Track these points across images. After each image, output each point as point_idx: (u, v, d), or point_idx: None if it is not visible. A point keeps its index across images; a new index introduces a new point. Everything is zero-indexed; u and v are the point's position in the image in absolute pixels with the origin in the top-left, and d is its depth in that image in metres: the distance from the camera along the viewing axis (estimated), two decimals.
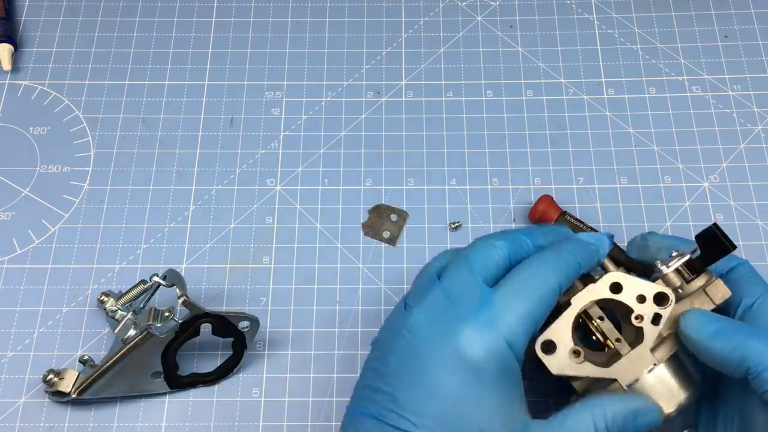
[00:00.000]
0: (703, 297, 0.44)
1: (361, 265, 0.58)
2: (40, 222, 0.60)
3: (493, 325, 0.38)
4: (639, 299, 0.43)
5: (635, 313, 0.43)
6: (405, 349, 0.39)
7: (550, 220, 0.57)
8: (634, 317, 0.43)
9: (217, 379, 0.53)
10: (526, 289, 0.40)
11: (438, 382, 0.38)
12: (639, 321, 0.43)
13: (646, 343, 0.43)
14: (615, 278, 0.43)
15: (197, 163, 0.62)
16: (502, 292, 0.40)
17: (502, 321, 0.38)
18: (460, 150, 0.62)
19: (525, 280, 0.40)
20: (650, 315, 0.43)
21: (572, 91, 0.65)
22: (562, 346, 0.42)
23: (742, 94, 0.65)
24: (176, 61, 0.67)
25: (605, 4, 0.69)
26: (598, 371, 0.42)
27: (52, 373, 0.51)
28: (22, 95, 0.65)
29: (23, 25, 0.69)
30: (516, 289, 0.40)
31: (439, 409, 0.37)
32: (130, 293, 0.52)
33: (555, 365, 0.42)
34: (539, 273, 0.41)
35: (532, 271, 0.41)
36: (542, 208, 0.58)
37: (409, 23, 0.69)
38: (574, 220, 0.57)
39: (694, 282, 0.44)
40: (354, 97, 0.65)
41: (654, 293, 0.43)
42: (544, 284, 0.40)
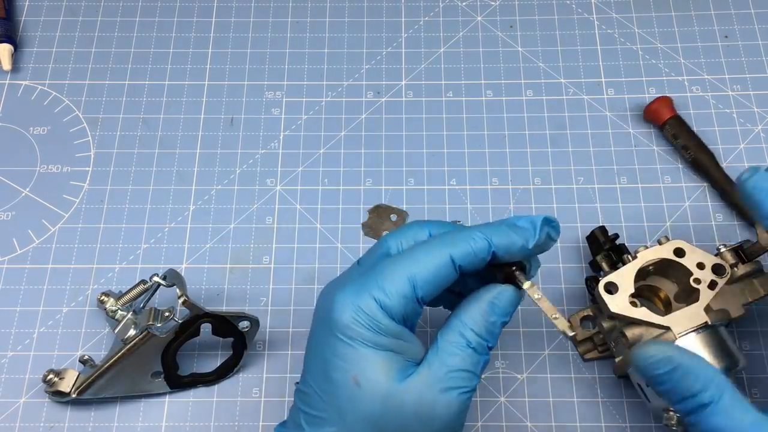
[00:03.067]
0: (752, 285, 0.50)
1: None
2: (40, 222, 0.60)
3: (365, 289, 0.40)
4: (699, 266, 0.49)
5: (694, 276, 0.48)
6: (313, 318, 0.43)
7: (660, 121, 0.61)
8: (693, 279, 0.48)
9: (217, 379, 0.54)
10: (412, 256, 0.40)
11: (318, 345, 0.41)
12: (697, 284, 0.48)
13: (701, 303, 0.48)
14: (678, 244, 0.49)
15: (197, 163, 0.62)
16: (389, 259, 0.41)
17: (376, 285, 0.40)
18: (460, 150, 0.62)
19: (416, 249, 0.41)
20: (707, 281, 0.48)
21: (572, 91, 0.65)
22: (623, 291, 0.48)
23: (742, 94, 0.65)
24: (176, 61, 0.67)
25: (605, 4, 0.69)
26: (653, 317, 0.47)
27: (52, 373, 0.51)
28: (22, 95, 0.65)
29: (23, 25, 0.69)
30: (402, 256, 0.41)
31: (322, 367, 0.40)
32: (130, 293, 0.52)
33: (615, 305, 0.48)
34: (433, 244, 0.41)
35: (428, 242, 0.41)
36: (655, 107, 0.61)
37: (409, 23, 0.69)
38: (684, 132, 0.61)
39: (745, 266, 0.50)
40: (354, 97, 0.65)
41: (713, 263, 0.49)
42: (433, 254, 0.40)
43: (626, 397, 0.53)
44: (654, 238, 0.58)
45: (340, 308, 0.40)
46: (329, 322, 0.40)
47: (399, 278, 0.40)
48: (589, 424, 0.52)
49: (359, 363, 0.39)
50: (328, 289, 0.43)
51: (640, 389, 0.49)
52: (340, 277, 0.44)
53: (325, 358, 0.40)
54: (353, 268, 0.44)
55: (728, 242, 0.51)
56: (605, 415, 0.52)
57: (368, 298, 0.39)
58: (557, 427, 0.52)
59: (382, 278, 0.40)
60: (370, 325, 0.39)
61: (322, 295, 0.42)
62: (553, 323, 0.41)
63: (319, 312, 0.42)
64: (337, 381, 0.40)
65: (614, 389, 0.53)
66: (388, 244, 0.43)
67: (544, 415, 0.53)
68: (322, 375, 0.40)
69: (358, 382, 0.39)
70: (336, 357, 0.40)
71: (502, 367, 0.54)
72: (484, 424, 0.53)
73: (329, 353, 0.40)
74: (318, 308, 0.42)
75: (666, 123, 0.61)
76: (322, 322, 0.41)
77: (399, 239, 0.43)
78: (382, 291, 0.39)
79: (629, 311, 0.47)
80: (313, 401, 0.41)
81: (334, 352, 0.40)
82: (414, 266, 0.40)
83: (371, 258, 0.43)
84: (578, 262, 0.58)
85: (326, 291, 0.42)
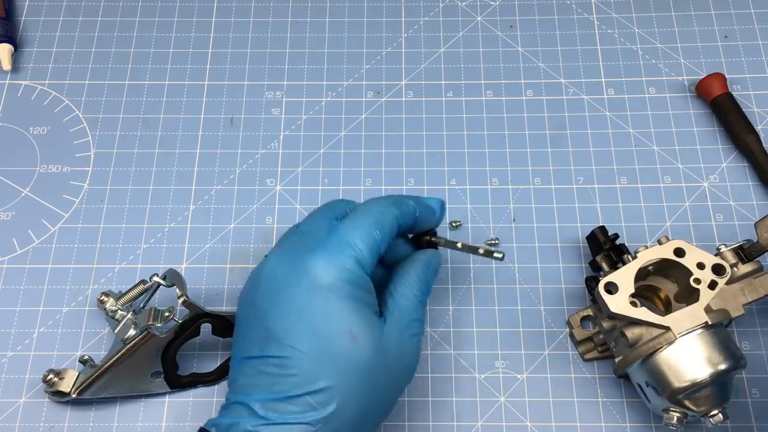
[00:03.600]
0: (752, 285, 0.50)
1: None
2: (40, 222, 0.60)
3: (340, 248, 0.44)
4: (699, 266, 0.48)
5: (694, 276, 0.48)
6: (269, 289, 0.44)
7: (711, 96, 0.62)
8: (693, 279, 0.48)
9: (217, 379, 0.53)
10: (368, 217, 0.45)
11: (303, 307, 0.42)
12: (697, 284, 0.48)
13: (701, 303, 0.47)
14: (678, 244, 0.49)
15: (197, 163, 0.62)
16: (347, 222, 0.45)
17: (348, 242, 0.44)
18: (460, 150, 0.62)
19: (366, 211, 0.46)
20: (707, 281, 0.48)
21: (572, 91, 0.65)
22: (623, 290, 0.48)
23: (742, 94, 0.65)
24: (176, 61, 0.67)
25: (605, 4, 0.69)
26: (653, 317, 0.47)
27: (52, 373, 0.51)
28: (22, 95, 0.65)
29: (23, 25, 0.69)
30: (358, 218, 0.45)
31: (310, 328, 0.42)
32: (130, 293, 0.52)
33: (615, 305, 0.48)
34: (379, 205, 0.47)
35: (372, 204, 0.47)
36: (708, 81, 0.62)
37: (409, 23, 0.69)
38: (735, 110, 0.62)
39: (745, 266, 0.50)
40: (354, 97, 0.65)
41: (713, 263, 0.49)
42: (384, 214, 0.46)
43: (626, 397, 0.53)
44: (654, 238, 0.58)
45: (324, 270, 0.43)
46: (313, 285, 0.42)
47: (367, 236, 0.44)
48: (589, 424, 0.52)
49: (351, 317, 0.42)
50: (286, 256, 0.45)
51: (640, 389, 0.49)
52: (294, 244, 0.46)
53: (314, 319, 0.42)
54: (301, 234, 0.47)
55: (728, 242, 0.51)
56: (605, 415, 0.52)
57: (348, 258, 0.43)
58: (557, 427, 0.52)
59: (353, 238, 0.44)
60: (354, 281, 0.43)
61: (281, 263, 0.44)
62: (483, 257, 0.48)
63: (288, 278, 0.43)
64: (331, 337, 0.42)
65: (614, 389, 0.53)
66: (326, 214, 0.48)
67: (544, 415, 0.53)
68: (311, 335, 0.42)
69: (355, 335, 0.42)
70: (327, 315, 0.42)
71: (502, 367, 0.54)
72: (484, 424, 0.53)
73: (318, 313, 0.42)
74: (284, 275, 0.44)
75: (716, 99, 0.62)
76: (298, 286, 0.43)
77: (333, 210, 0.48)
78: (357, 249, 0.44)
79: (629, 311, 0.47)
80: (297, 363, 0.42)
81: (324, 311, 0.42)
82: (374, 225, 0.45)
83: (317, 224, 0.47)
84: (578, 262, 0.58)
85: (286, 258, 0.45)
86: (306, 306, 0.42)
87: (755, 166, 0.60)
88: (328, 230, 0.45)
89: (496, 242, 0.58)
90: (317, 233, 0.46)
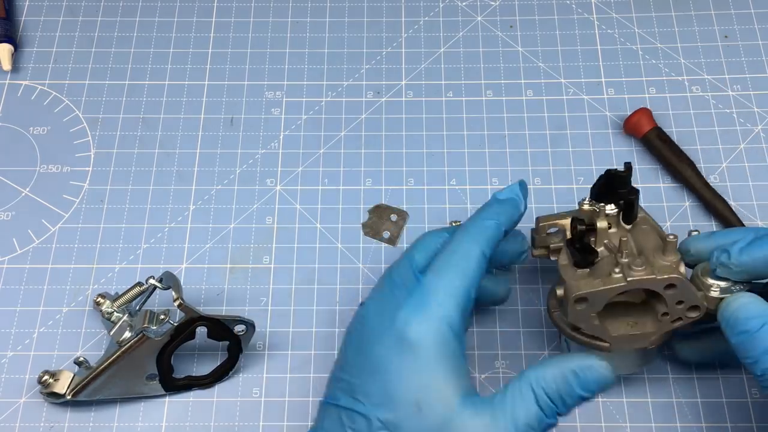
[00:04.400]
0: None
1: (361, 265, 0.58)
2: (40, 222, 0.60)
3: (425, 306, 0.40)
4: (678, 302, 0.46)
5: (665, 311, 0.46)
6: (357, 339, 0.43)
7: (640, 134, 0.61)
8: (662, 314, 0.46)
9: (212, 383, 0.53)
10: (451, 265, 0.42)
11: (381, 363, 0.40)
12: (663, 317, 0.46)
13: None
14: (674, 280, 0.44)
15: (197, 163, 0.62)
16: (430, 274, 0.42)
17: (434, 300, 0.41)
18: (460, 150, 0.62)
19: (449, 257, 0.43)
20: (675, 317, 0.46)
21: (572, 91, 0.65)
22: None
23: (742, 94, 0.65)
24: (176, 61, 0.67)
25: (605, 4, 0.69)
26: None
27: (47, 374, 0.51)
28: (22, 95, 0.65)
29: (23, 25, 0.69)
30: (442, 267, 0.42)
31: (383, 386, 0.40)
32: (126, 295, 0.52)
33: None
34: (461, 247, 0.43)
35: (454, 247, 0.43)
36: (635, 119, 0.61)
37: (409, 23, 0.69)
38: (663, 140, 0.60)
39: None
40: (354, 97, 0.65)
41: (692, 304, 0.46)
42: (468, 257, 0.42)
43: (626, 397, 0.53)
44: None
45: (408, 328, 0.40)
46: (394, 343, 0.40)
47: (453, 290, 0.41)
48: (589, 424, 0.52)
49: (419, 384, 0.39)
50: (377, 308, 0.43)
51: (562, 338, 0.50)
52: (385, 295, 0.44)
53: (389, 377, 0.40)
54: (392, 284, 0.44)
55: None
56: (605, 415, 0.52)
57: (434, 319, 0.40)
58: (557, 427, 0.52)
59: (437, 295, 0.41)
60: (438, 343, 0.40)
61: (373, 312, 0.43)
62: None
63: (375, 332, 0.42)
64: (398, 402, 0.39)
65: (614, 389, 0.53)
66: (415, 258, 0.45)
67: None
68: (383, 395, 0.40)
69: (419, 406, 0.39)
70: (399, 377, 0.39)
71: (502, 367, 0.54)
72: None
73: (393, 373, 0.40)
74: (371, 328, 0.42)
75: (646, 135, 0.61)
76: (379, 344, 0.41)
77: (422, 251, 0.45)
78: (442, 307, 0.40)
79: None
80: (360, 421, 0.40)
81: (398, 371, 0.40)
82: (459, 275, 0.42)
83: (405, 272, 0.44)
84: None
85: (376, 310, 0.43)
86: (385, 363, 0.40)
87: (701, 200, 0.59)
88: (413, 283, 0.42)
89: None
90: (406, 283, 0.43)
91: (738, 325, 0.42)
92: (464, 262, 0.42)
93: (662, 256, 0.46)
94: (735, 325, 0.42)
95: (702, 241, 0.47)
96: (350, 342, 0.43)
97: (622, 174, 0.47)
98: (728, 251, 0.44)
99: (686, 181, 0.59)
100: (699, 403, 0.52)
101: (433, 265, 0.43)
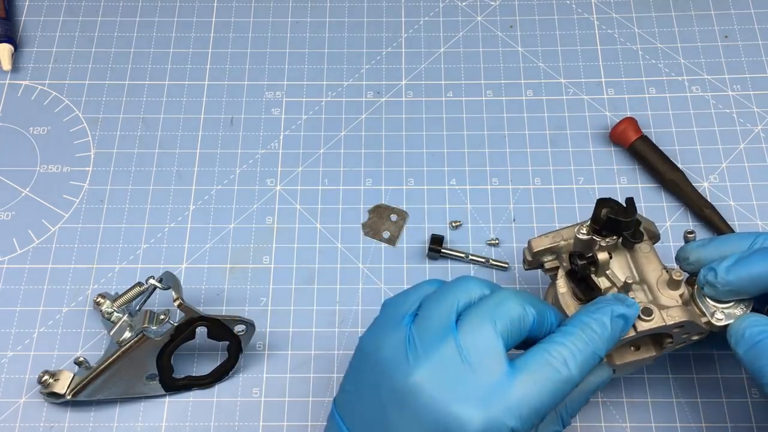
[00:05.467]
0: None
1: (361, 265, 0.58)
2: (40, 222, 0.60)
3: (503, 410, 0.37)
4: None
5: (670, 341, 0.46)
6: (405, 408, 0.38)
7: (626, 144, 0.61)
8: (668, 342, 0.47)
9: (212, 383, 0.53)
10: (547, 382, 0.39)
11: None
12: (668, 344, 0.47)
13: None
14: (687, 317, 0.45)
15: (197, 163, 0.62)
16: (523, 379, 0.38)
17: (515, 410, 0.37)
18: (460, 150, 0.62)
19: (547, 373, 0.39)
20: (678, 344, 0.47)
21: (572, 91, 0.65)
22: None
23: (742, 94, 0.65)
24: (176, 61, 0.67)
25: (605, 4, 0.69)
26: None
27: (47, 374, 0.51)
28: (22, 95, 0.65)
29: (23, 25, 0.69)
30: (538, 380, 0.39)
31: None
32: (126, 295, 0.52)
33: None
34: (564, 368, 0.39)
35: (559, 363, 0.39)
36: (621, 129, 0.60)
37: (409, 23, 0.69)
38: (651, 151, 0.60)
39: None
40: (354, 97, 0.65)
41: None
42: (566, 381, 0.39)
43: (626, 397, 0.53)
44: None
45: (473, 420, 0.37)
46: (456, 425, 0.37)
47: (541, 410, 0.39)
48: (590, 424, 0.52)
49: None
50: (435, 375, 0.38)
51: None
52: (447, 368, 0.39)
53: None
54: (457, 359, 0.39)
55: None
56: (605, 415, 0.52)
57: (504, 426, 0.38)
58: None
59: (523, 409, 0.38)
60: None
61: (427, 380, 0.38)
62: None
63: (432, 417, 0.38)
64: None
65: (615, 389, 0.53)
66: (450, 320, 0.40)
67: None
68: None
69: None
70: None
71: None
72: None
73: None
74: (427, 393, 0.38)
75: (633, 144, 0.60)
76: (442, 414, 0.37)
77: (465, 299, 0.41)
78: (518, 419, 0.38)
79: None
80: None
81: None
82: (552, 395, 0.39)
83: (480, 341, 0.39)
84: None
85: (437, 398, 0.38)
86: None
87: (689, 205, 0.59)
88: (501, 377, 0.38)
89: (496, 242, 0.58)
90: (486, 370, 0.38)
91: (743, 342, 0.43)
92: (559, 386, 0.39)
93: (667, 290, 0.45)
94: (741, 342, 0.43)
95: (701, 250, 0.47)
96: (393, 404, 0.39)
97: (627, 220, 0.45)
98: (715, 270, 0.44)
99: (678, 190, 0.59)
100: (699, 403, 0.52)
101: (528, 369, 0.39)
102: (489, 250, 0.58)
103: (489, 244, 0.58)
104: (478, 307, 0.40)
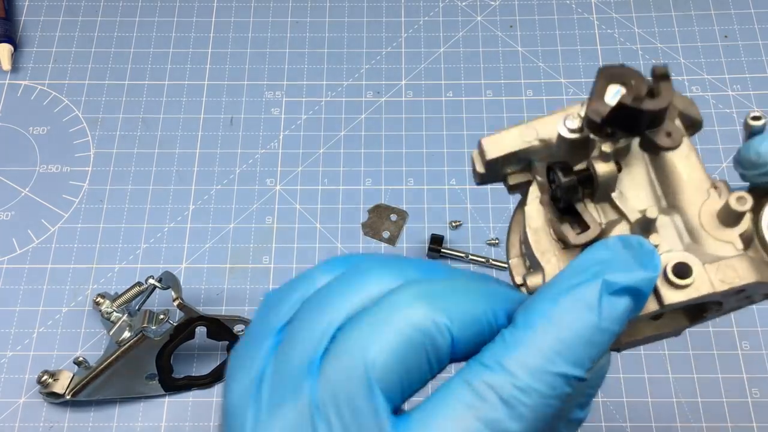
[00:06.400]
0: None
1: None
2: (40, 222, 0.60)
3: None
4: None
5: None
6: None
7: None
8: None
9: (211, 382, 0.53)
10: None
11: None
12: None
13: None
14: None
15: (197, 163, 0.62)
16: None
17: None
18: (460, 150, 0.62)
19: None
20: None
21: (572, 91, 0.65)
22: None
23: (742, 94, 0.65)
24: (176, 61, 0.67)
25: (605, 4, 0.69)
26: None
27: (47, 374, 0.51)
28: (22, 95, 0.65)
29: (23, 25, 0.69)
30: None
31: None
32: (125, 295, 0.52)
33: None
34: (503, 422, 0.23)
35: (488, 410, 0.23)
36: None
37: (409, 23, 0.69)
38: None
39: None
40: (354, 97, 0.65)
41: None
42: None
43: (627, 396, 0.53)
44: None
45: None
46: None
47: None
48: (590, 424, 0.52)
49: None
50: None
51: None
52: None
53: None
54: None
55: None
56: (605, 415, 0.52)
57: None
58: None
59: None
60: None
61: None
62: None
63: None
64: None
65: (615, 389, 0.53)
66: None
67: None
68: None
69: None
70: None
71: None
72: None
73: None
74: None
75: None
76: None
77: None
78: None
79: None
80: None
81: None
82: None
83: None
84: None
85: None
86: None
87: None
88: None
89: (496, 242, 0.58)
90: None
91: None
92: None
93: (718, 226, 0.27)
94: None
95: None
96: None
97: (655, 110, 0.27)
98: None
99: None
100: (699, 403, 0.52)
101: (426, 421, 0.23)
102: (489, 250, 0.58)
103: (489, 244, 0.58)
104: (355, 325, 0.25)
